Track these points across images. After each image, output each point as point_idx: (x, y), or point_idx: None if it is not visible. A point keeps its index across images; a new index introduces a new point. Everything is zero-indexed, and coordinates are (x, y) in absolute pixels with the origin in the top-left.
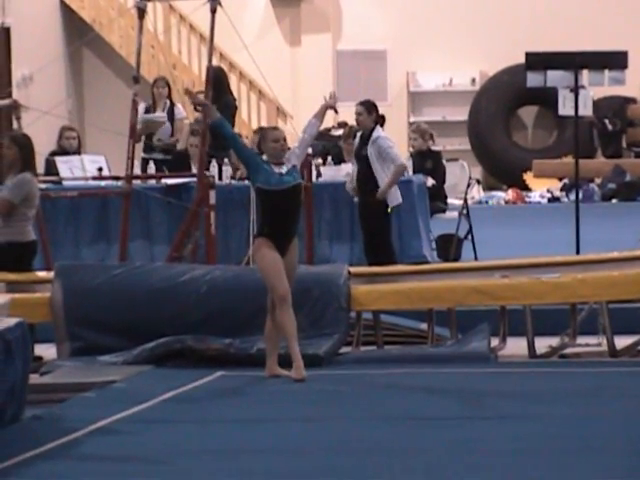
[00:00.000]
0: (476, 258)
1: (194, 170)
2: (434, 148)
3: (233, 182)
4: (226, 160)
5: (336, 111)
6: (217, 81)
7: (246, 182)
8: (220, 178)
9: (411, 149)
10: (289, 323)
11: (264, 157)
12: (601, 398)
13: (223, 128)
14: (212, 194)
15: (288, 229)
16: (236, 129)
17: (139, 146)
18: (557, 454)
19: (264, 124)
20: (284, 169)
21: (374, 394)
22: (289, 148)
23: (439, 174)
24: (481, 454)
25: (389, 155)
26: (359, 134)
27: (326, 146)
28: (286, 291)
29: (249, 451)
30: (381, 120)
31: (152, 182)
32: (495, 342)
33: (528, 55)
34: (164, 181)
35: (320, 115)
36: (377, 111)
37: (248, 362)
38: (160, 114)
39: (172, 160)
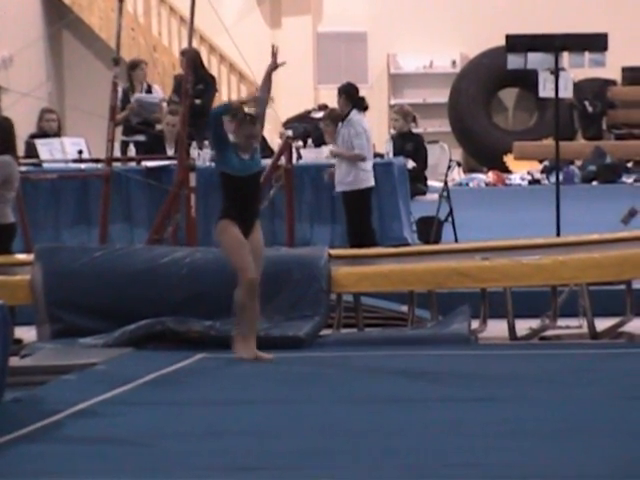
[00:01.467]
0: (456, 240)
1: (168, 151)
2: (415, 130)
3: (213, 165)
4: (206, 142)
5: (277, 66)
6: (194, 63)
7: None
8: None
9: (392, 131)
10: (249, 307)
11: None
12: (582, 380)
13: (219, 109)
14: (192, 176)
15: (251, 211)
16: None
17: (119, 129)
18: (538, 436)
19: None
20: (247, 155)
21: (355, 376)
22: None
23: (420, 157)
24: (462, 436)
25: (355, 142)
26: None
27: (307, 128)
28: (254, 275)
29: (231, 433)
30: (361, 102)
31: (132, 164)
32: (476, 324)
33: (508, 37)
34: (144, 163)
35: (265, 84)
36: (355, 94)
37: (229, 344)
38: (153, 95)
39: (147, 142)
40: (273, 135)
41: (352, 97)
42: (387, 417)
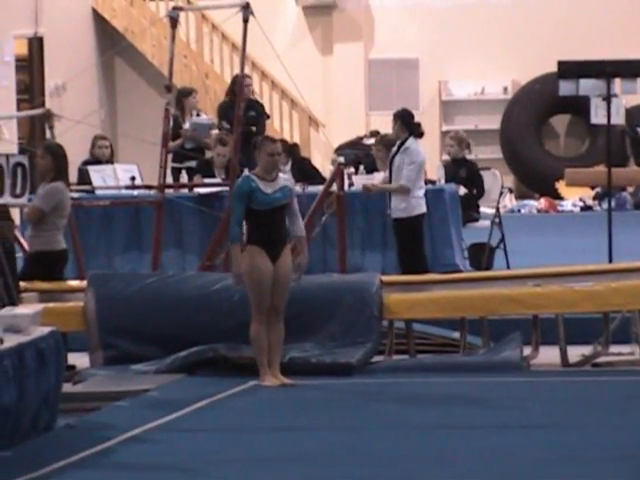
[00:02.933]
0: (508, 267)
1: (218, 178)
2: (468, 157)
3: None
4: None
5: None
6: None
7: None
8: None
9: (445, 157)
10: (262, 340)
11: (253, 172)
12: (634, 407)
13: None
14: None
15: (277, 238)
16: None
17: (170, 155)
18: (589, 463)
19: (296, 133)
20: (275, 186)
21: (406, 403)
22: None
23: (474, 183)
24: (513, 463)
25: (403, 172)
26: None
27: (358, 155)
28: (264, 312)
29: (281, 460)
30: (417, 128)
31: (184, 191)
32: (527, 351)
33: (560, 63)
34: (196, 190)
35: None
36: (411, 120)
37: (282, 371)
38: (205, 117)
39: (197, 168)
40: (325, 162)
41: (408, 123)
42: (438, 444)
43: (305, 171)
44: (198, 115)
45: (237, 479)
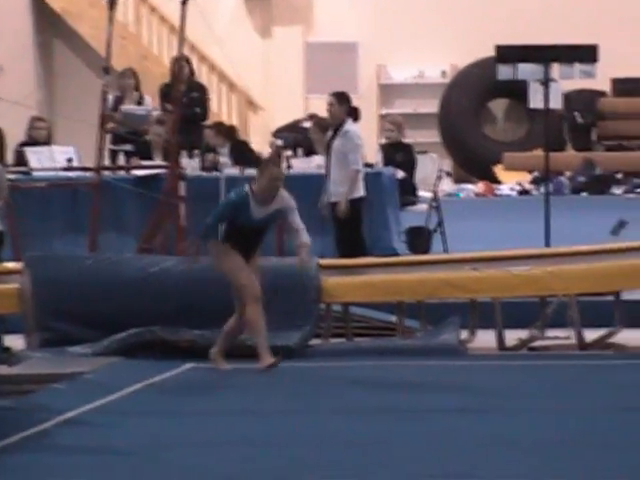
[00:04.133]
0: (446, 251)
1: (156, 160)
2: (405, 141)
3: (203, 174)
4: (196, 151)
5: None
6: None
7: (216, 173)
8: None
9: (383, 141)
10: (261, 321)
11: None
12: (570, 391)
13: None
14: (182, 185)
15: (253, 247)
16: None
17: (108, 138)
18: (526, 446)
19: (235, 116)
20: (267, 211)
21: (344, 387)
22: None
23: (410, 166)
24: (452, 446)
25: (348, 156)
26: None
27: (297, 138)
28: (259, 290)
29: (225, 443)
30: (354, 113)
31: (122, 173)
32: (465, 334)
33: (499, 48)
34: (134, 172)
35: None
36: (349, 103)
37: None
38: (141, 107)
39: (135, 151)
40: (263, 144)
41: (346, 106)
42: (377, 427)
43: (244, 154)
44: (141, 98)
45: (177, 462)
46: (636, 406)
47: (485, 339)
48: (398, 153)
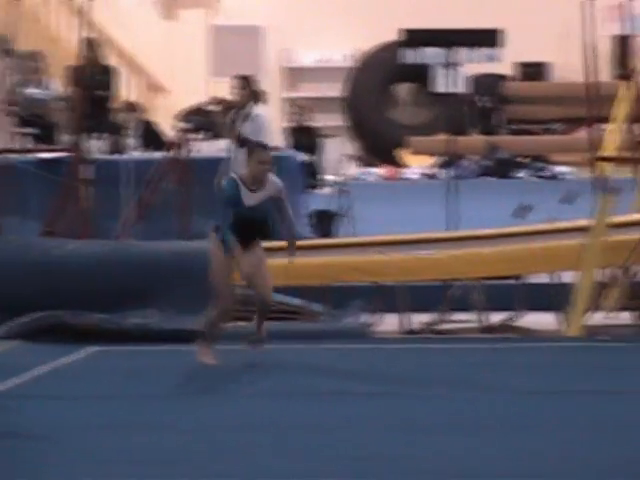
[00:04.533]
0: (352, 234)
1: (59, 143)
2: (310, 124)
3: (110, 156)
4: (104, 134)
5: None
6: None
7: (119, 156)
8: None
9: (288, 124)
10: (217, 327)
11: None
12: (472, 374)
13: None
14: (89, 169)
15: (249, 237)
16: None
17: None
18: (429, 430)
19: (140, 98)
20: (259, 197)
21: (247, 370)
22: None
23: (315, 150)
24: (355, 430)
25: (257, 139)
26: (235, 110)
27: (201, 121)
28: (230, 302)
29: (124, 427)
30: (259, 96)
31: (26, 156)
32: (370, 318)
33: (404, 32)
34: (38, 155)
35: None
36: (254, 86)
37: (123, 338)
38: (42, 92)
39: (39, 134)
40: (167, 128)
41: (252, 90)
42: (279, 411)
43: (152, 136)
44: (47, 81)
45: (78, 445)
46: (539, 389)
47: (390, 322)
48: (303, 137)
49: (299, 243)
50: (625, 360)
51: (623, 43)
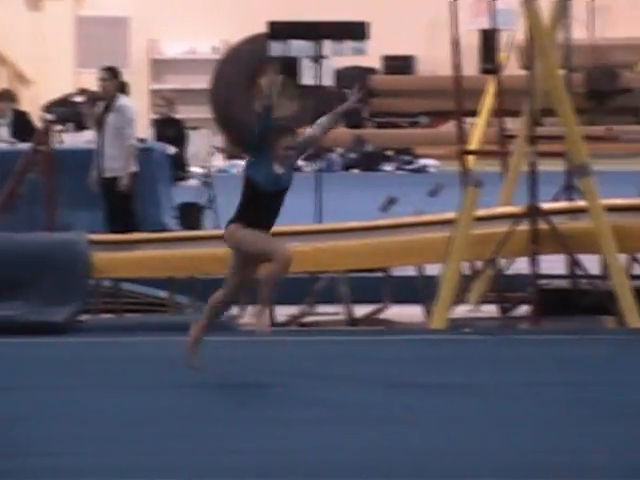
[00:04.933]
0: (218, 227)
1: None
2: (176, 116)
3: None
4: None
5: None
6: None
7: (10, 146)
8: None
9: (154, 116)
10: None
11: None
12: (339, 365)
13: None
14: None
15: (267, 224)
16: None
17: None
18: (291, 424)
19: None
20: (283, 169)
21: (111, 363)
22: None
23: (181, 142)
24: (211, 422)
25: (124, 131)
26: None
27: (67, 112)
28: (290, 251)
29: (20, 419)
30: (124, 87)
31: None
32: (235, 310)
33: (270, 24)
34: None
35: (330, 121)
36: (120, 78)
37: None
38: None
39: None
40: (33, 119)
41: (117, 81)
42: (143, 403)
43: (24, 125)
44: None
45: None
46: (405, 380)
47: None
48: (169, 129)
49: (165, 235)
50: (487, 353)
51: (489, 37)
